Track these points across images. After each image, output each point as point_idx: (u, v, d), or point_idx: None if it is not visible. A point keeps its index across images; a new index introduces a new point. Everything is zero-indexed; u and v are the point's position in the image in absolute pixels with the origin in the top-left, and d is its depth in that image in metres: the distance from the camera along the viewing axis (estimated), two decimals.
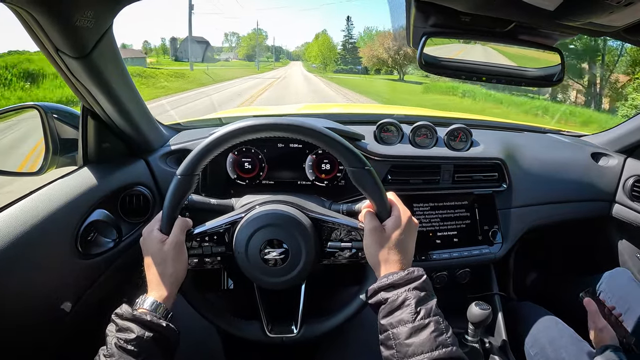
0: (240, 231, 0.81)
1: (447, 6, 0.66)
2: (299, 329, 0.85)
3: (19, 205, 0.82)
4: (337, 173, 1.18)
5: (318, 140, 0.76)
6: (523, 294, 1.59)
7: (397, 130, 1.26)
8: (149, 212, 1.04)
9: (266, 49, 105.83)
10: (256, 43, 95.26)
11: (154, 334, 0.66)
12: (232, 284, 1.23)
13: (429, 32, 0.77)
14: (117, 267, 0.96)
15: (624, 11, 0.57)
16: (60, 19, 0.67)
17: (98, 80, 0.83)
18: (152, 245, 0.76)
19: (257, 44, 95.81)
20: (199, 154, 0.76)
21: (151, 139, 1.11)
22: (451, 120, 1.47)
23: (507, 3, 0.60)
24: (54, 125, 0.97)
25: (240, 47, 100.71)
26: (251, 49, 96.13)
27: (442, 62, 0.85)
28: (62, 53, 0.75)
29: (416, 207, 1.22)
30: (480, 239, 1.25)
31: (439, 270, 1.25)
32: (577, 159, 1.44)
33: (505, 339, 1.21)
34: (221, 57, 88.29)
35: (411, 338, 0.62)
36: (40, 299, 0.81)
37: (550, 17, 0.63)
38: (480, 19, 0.70)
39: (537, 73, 0.87)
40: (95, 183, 0.94)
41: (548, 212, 1.37)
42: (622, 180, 1.40)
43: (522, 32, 0.77)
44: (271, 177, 1.19)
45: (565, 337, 1.08)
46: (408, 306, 0.64)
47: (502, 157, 1.26)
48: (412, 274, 0.68)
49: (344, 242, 0.84)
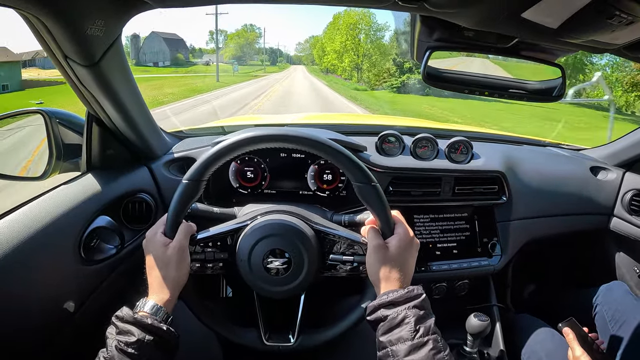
0: (244, 239, 0.82)
1: (451, 22, 0.67)
2: (296, 339, 0.86)
3: (23, 211, 0.82)
4: (339, 184, 1.19)
5: (326, 153, 0.77)
6: (521, 305, 1.59)
7: (399, 142, 1.27)
8: (151, 219, 1.04)
9: (258, 51, 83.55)
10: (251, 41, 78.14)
11: (154, 337, 0.66)
12: (231, 292, 1.23)
13: (433, 46, 0.79)
14: (119, 273, 0.96)
15: (625, 30, 0.59)
16: (72, 27, 0.68)
17: (105, 87, 0.84)
18: (155, 248, 0.76)
19: (246, 42, 77.91)
20: (208, 160, 0.76)
21: (155, 146, 1.11)
22: (452, 133, 1.48)
23: (511, 20, 0.62)
24: (57, 130, 0.97)
25: (226, 47, 79.49)
26: (240, 50, 78.77)
27: (445, 75, 0.87)
28: (70, 60, 0.75)
29: (416, 218, 1.23)
30: (480, 251, 1.25)
31: (438, 281, 1.25)
32: (576, 172, 1.45)
33: (502, 350, 1.21)
34: (203, 59, 66.77)
35: (410, 356, 0.62)
36: (43, 304, 0.81)
37: (553, 34, 0.64)
38: (484, 34, 0.72)
39: (538, 86, 0.88)
40: (98, 189, 0.95)
41: (547, 225, 1.38)
42: (621, 194, 1.41)
43: (525, 48, 0.79)
44: (273, 187, 1.20)
45: (561, 350, 1.08)
46: (407, 324, 0.65)
47: (502, 170, 1.27)
48: (412, 293, 0.69)
49: (346, 256, 0.84)
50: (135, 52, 47.48)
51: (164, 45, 53.07)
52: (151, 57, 50.68)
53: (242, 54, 76.32)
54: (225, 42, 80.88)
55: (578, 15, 0.56)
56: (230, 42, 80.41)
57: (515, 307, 1.58)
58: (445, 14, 0.64)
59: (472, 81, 0.87)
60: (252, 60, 78.57)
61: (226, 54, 74.38)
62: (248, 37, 77.23)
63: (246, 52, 73.48)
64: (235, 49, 77.53)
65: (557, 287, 1.67)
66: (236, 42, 78.96)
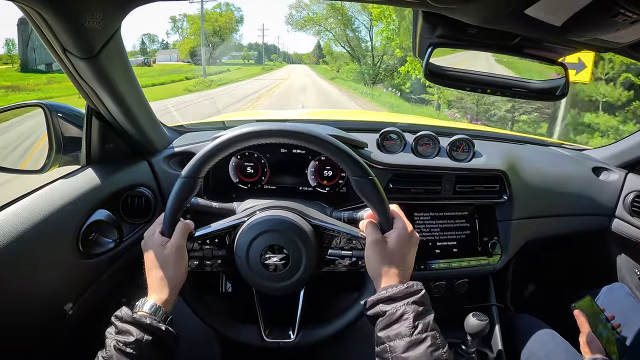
0: (241, 235, 0.82)
1: (454, 18, 0.67)
2: (297, 335, 0.85)
3: (22, 204, 0.82)
4: (339, 180, 1.18)
5: (323, 148, 0.76)
6: (520, 305, 1.59)
7: (400, 139, 1.26)
8: (151, 214, 1.04)
9: (238, 46, 53.91)
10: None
11: (153, 337, 0.66)
12: (231, 288, 1.23)
13: (435, 43, 0.78)
14: (117, 267, 0.96)
15: (630, 29, 0.58)
16: (70, 19, 0.67)
17: (104, 81, 0.84)
18: (153, 248, 0.76)
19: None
20: (204, 156, 0.76)
21: (155, 140, 1.11)
22: (454, 131, 1.48)
23: (514, 17, 0.61)
24: (58, 123, 0.97)
25: (184, 39, 46.99)
26: (207, 41, 43.73)
27: (447, 73, 0.86)
28: (69, 53, 0.75)
29: (417, 216, 1.23)
30: (480, 250, 1.25)
31: (437, 279, 1.25)
32: (578, 173, 1.44)
33: (501, 350, 1.21)
34: (137, 59, 37.89)
35: (408, 352, 0.62)
36: (41, 297, 0.81)
37: (557, 33, 0.64)
38: (487, 31, 0.71)
39: (541, 86, 0.88)
40: (98, 183, 0.95)
41: (548, 225, 1.37)
42: (623, 195, 1.40)
43: (528, 46, 0.78)
44: (273, 182, 1.19)
45: (561, 351, 1.08)
46: (406, 320, 0.64)
47: (504, 169, 1.26)
48: (411, 288, 0.68)
49: (345, 250, 0.84)
50: (22, 46, 24.23)
51: None
52: (44, 55, 23.90)
53: (211, 48, 43.95)
54: (188, 30, 46.66)
55: (582, 13, 0.55)
56: (190, 27, 47.17)
57: (515, 307, 1.57)
58: (447, 10, 0.63)
59: (475, 79, 0.86)
60: (228, 59, 51.26)
61: (183, 48, 44.57)
62: (219, 23, 45.45)
63: (216, 45, 43.81)
64: (198, 40, 44.17)
65: (558, 287, 1.66)
66: (197, 28, 44.37)
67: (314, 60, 51.23)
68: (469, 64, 0.87)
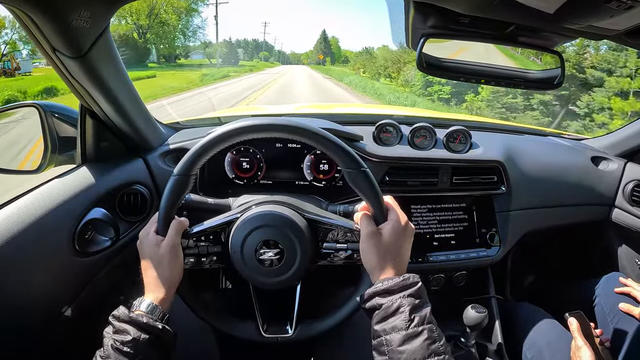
0: (236, 231, 0.81)
1: (445, 8, 0.66)
2: (294, 330, 0.85)
3: (18, 203, 0.82)
4: (335, 174, 1.18)
5: (314, 140, 0.76)
6: (520, 297, 1.58)
7: (396, 131, 1.26)
8: (147, 211, 1.04)
9: (204, 44, 45.57)
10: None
11: (150, 336, 0.66)
12: (230, 285, 1.23)
13: (427, 34, 0.77)
14: (114, 265, 0.97)
15: (625, 15, 0.57)
16: (57, 19, 0.67)
17: (95, 79, 0.83)
18: (148, 248, 0.76)
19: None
20: (195, 153, 0.75)
21: (149, 137, 1.11)
22: (451, 122, 1.47)
23: (506, 5, 0.60)
24: (52, 123, 0.97)
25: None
26: (155, 35, 34.84)
27: (443, 64, 0.85)
28: (59, 53, 0.75)
29: (414, 208, 1.22)
30: (478, 241, 1.24)
31: (435, 272, 1.25)
32: (577, 162, 1.43)
33: (501, 342, 1.21)
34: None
35: (404, 345, 0.62)
36: (38, 296, 0.81)
37: (550, 20, 0.63)
38: (480, 21, 0.70)
39: (538, 75, 0.87)
40: (93, 181, 0.94)
41: (547, 215, 1.37)
42: (622, 184, 1.40)
43: (522, 35, 0.77)
44: (269, 177, 1.19)
45: (563, 341, 1.07)
46: (402, 313, 0.64)
47: (502, 160, 1.25)
48: (408, 281, 0.68)
49: (340, 244, 0.83)
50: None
51: None
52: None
53: (158, 45, 32.39)
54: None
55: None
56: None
57: (515, 299, 1.57)
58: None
59: (471, 70, 0.85)
60: (186, 59, 40.70)
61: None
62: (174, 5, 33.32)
63: (167, 40, 32.08)
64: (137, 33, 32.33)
65: (558, 278, 1.66)
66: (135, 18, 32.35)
67: (320, 57, 41.77)
68: (466, 54, 0.86)
